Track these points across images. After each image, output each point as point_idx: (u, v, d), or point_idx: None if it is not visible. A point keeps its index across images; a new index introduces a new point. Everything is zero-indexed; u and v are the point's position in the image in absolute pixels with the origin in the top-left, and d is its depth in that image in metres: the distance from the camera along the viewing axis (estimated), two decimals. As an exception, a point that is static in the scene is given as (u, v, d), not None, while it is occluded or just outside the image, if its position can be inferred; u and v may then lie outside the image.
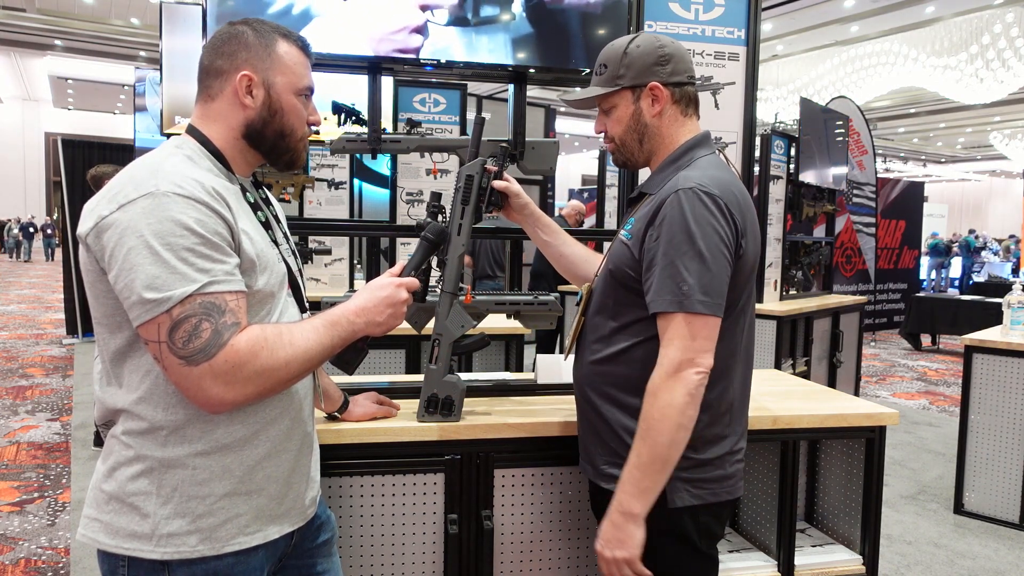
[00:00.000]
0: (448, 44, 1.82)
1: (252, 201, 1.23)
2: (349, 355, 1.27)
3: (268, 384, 1.10)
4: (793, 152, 5.32)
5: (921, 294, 9.98)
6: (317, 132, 1.31)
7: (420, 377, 1.71)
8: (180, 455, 1.11)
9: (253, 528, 1.17)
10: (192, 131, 1.21)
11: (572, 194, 14.48)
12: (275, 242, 1.25)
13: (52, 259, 22.75)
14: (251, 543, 1.17)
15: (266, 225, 1.24)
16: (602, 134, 1.49)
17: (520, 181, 1.71)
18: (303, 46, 1.26)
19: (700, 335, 1.30)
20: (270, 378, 1.09)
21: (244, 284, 1.11)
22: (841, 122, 5.94)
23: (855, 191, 8.55)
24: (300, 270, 1.35)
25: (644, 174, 1.60)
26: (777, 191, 5.10)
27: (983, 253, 19.11)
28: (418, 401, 1.68)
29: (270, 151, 1.25)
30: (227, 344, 1.05)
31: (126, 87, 18.29)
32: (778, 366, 4.45)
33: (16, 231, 23.56)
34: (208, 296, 1.04)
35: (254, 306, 1.16)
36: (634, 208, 1.49)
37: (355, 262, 5.14)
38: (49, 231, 23.42)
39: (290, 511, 1.24)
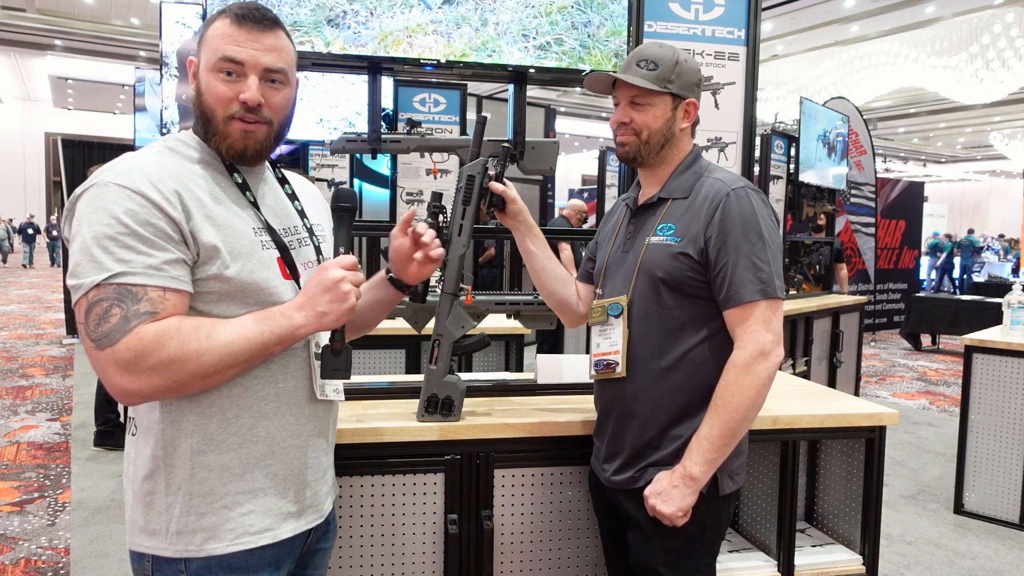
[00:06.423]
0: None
1: (239, 182, 1.17)
2: (329, 362, 1.19)
3: (178, 377, 1.03)
4: (793, 152, 5.33)
5: (921, 294, 9.98)
6: (252, 112, 1.13)
7: (420, 377, 1.71)
8: (179, 452, 1.11)
9: (260, 526, 1.15)
10: None
11: (572, 194, 14.49)
12: (269, 228, 1.18)
13: (58, 264, 19.54)
14: (258, 543, 1.15)
15: (255, 205, 1.18)
16: (621, 125, 1.51)
17: (520, 181, 1.70)
18: (239, 15, 1.12)
19: (777, 317, 1.40)
20: (180, 370, 1.03)
21: (182, 281, 1.06)
22: (840, 122, 5.94)
23: (853, 191, 8.55)
24: (319, 261, 1.27)
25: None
26: (777, 191, 5.11)
27: (983, 253, 19.10)
28: (418, 401, 1.69)
29: (210, 138, 1.15)
30: (132, 331, 1.01)
31: (126, 87, 18.28)
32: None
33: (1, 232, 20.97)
34: (123, 286, 1.02)
35: (234, 295, 1.11)
36: (652, 212, 1.54)
37: (355, 262, 5.13)
38: (55, 232, 20.04)
39: (306, 509, 1.22)
